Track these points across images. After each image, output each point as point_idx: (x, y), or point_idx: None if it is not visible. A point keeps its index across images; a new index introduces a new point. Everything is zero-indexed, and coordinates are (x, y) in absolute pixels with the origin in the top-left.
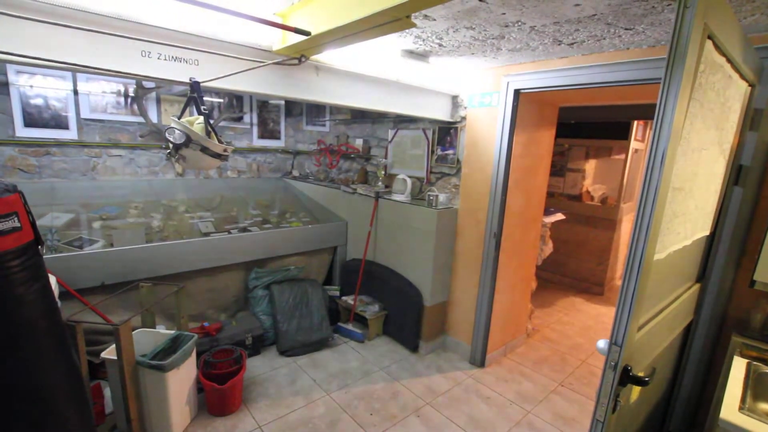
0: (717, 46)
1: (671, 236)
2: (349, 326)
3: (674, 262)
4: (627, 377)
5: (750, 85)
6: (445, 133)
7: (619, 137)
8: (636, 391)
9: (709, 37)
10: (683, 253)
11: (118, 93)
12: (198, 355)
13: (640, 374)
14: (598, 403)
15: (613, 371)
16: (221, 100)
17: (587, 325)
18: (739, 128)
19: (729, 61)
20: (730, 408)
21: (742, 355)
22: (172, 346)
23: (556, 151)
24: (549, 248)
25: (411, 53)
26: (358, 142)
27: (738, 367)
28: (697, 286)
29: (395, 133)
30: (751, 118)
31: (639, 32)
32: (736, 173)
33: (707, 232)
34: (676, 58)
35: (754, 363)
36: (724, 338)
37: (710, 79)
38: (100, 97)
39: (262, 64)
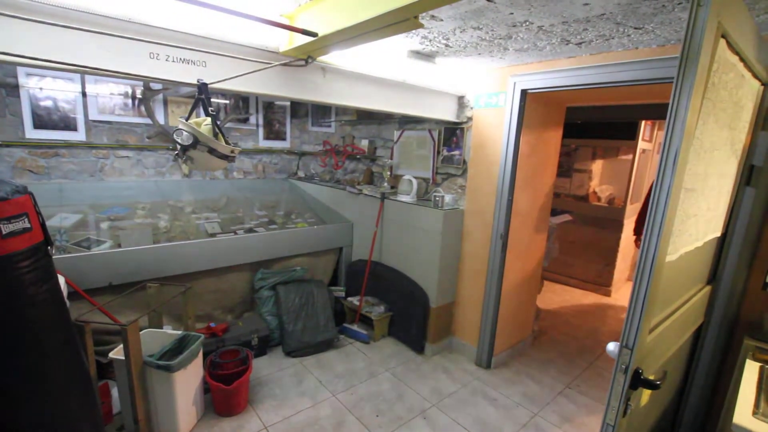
0: (730, 45)
1: (683, 237)
2: (355, 327)
3: (685, 264)
4: (638, 381)
5: (763, 84)
6: (451, 133)
7: (626, 137)
8: (646, 394)
9: (723, 36)
10: (694, 255)
11: (126, 95)
12: (204, 355)
13: (651, 377)
14: (609, 406)
15: (624, 374)
16: (227, 102)
17: (594, 326)
18: (751, 128)
19: (742, 60)
20: (743, 412)
21: (755, 359)
22: (179, 346)
23: (562, 151)
24: (556, 249)
25: (417, 54)
26: (364, 143)
27: (751, 371)
28: (708, 288)
29: (401, 134)
30: (763, 118)
31: (648, 31)
32: (748, 173)
33: (719, 234)
34: (689, 57)
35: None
36: (736, 341)
37: (723, 78)
38: (108, 98)
39: (269, 65)
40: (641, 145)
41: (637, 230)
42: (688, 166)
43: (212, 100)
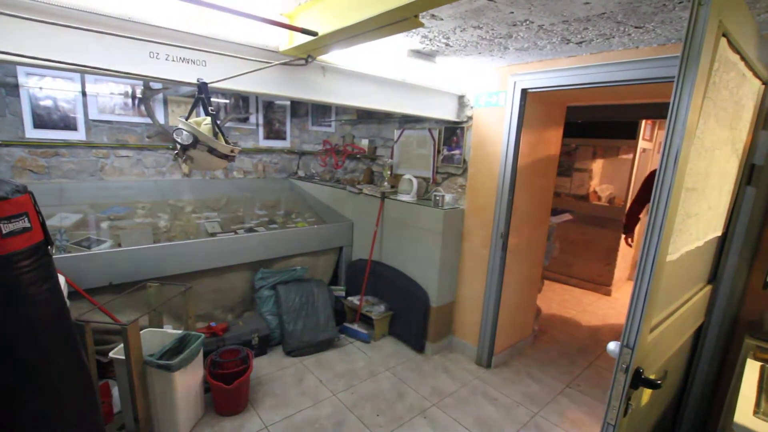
0: (731, 44)
1: (684, 237)
2: (355, 326)
3: (686, 263)
4: (639, 380)
5: (763, 83)
6: (452, 133)
7: (626, 137)
8: (647, 394)
9: (724, 35)
10: (695, 254)
11: (126, 94)
12: (205, 354)
13: (652, 377)
14: (609, 406)
15: (625, 374)
16: (227, 101)
17: (595, 326)
18: (752, 127)
19: (743, 59)
20: (744, 412)
21: (756, 358)
22: (180, 345)
23: (563, 150)
24: (556, 249)
25: (418, 53)
26: (364, 143)
27: (751, 370)
28: (708, 288)
29: (401, 133)
30: (764, 117)
31: (649, 30)
32: (748, 173)
33: (719, 233)
34: (690, 56)
35: None
36: (737, 341)
37: (724, 77)
38: (108, 98)
39: (269, 64)
40: (642, 144)
41: (626, 229)
42: (689, 166)
43: (212, 99)
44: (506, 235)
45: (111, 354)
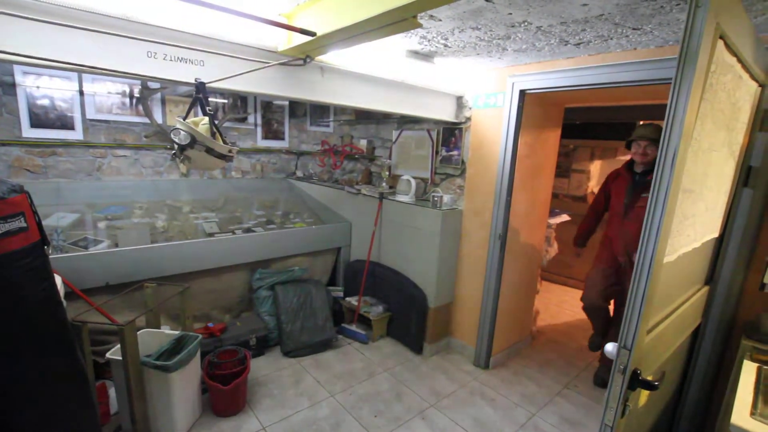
0: (728, 46)
1: (681, 238)
2: (353, 327)
3: (683, 265)
4: (636, 381)
5: (760, 86)
6: (450, 133)
7: (624, 138)
8: (644, 395)
9: (721, 37)
10: (692, 256)
11: (123, 94)
12: (202, 355)
13: (650, 378)
14: (607, 407)
15: (622, 375)
16: (225, 101)
17: None
18: (748, 129)
19: (740, 61)
20: (741, 413)
21: (753, 359)
22: (177, 346)
23: (561, 151)
24: (554, 250)
25: (416, 54)
26: (362, 143)
27: (748, 371)
28: (705, 289)
29: (399, 134)
30: (761, 119)
31: (647, 32)
32: (745, 174)
33: (716, 234)
34: (687, 58)
35: (765, 367)
36: (734, 342)
37: (721, 79)
38: (106, 97)
39: (267, 64)
40: None
41: (578, 240)
42: (686, 167)
43: (210, 99)
44: (504, 236)
45: (108, 355)
